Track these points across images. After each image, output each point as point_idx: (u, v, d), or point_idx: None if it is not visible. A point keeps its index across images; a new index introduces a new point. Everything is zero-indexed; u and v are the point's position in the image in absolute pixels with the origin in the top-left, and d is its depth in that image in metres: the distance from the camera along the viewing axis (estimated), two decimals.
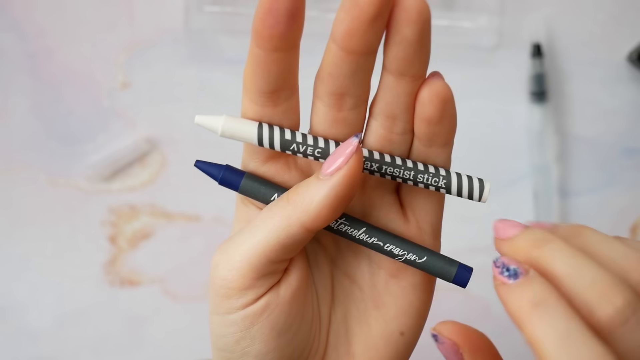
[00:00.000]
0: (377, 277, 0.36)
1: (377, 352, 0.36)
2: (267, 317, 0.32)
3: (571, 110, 0.68)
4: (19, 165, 0.68)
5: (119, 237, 0.69)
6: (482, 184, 0.33)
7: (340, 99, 0.31)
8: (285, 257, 0.32)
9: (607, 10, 0.67)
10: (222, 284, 0.32)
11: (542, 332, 0.27)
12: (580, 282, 0.28)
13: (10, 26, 0.66)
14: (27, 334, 0.69)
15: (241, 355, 0.33)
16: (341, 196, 0.30)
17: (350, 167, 0.30)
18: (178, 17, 0.66)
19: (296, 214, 0.31)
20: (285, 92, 0.31)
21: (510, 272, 0.29)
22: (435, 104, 0.31)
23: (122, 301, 0.69)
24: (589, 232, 0.31)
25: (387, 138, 0.33)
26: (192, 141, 0.68)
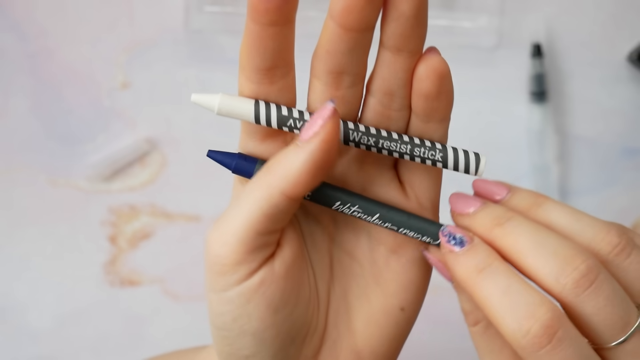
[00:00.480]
0: (377, 253, 0.36)
1: (378, 327, 0.36)
2: (263, 293, 0.32)
3: (571, 110, 0.68)
4: (19, 165, 0.68)
5: (119, 237, 0.69)
6: (478, 158, 0.33)
7: (338, 77, 0.31)
8: (272, 228, 0.32)
9: (607, 10, 0.67)
10: (216, 260, 0.32)
11: (486, 292, 0.30)
12: (544, 253, 0.30)
13: (10, 26, 0.66)
14: (27, 334, 0.69)
15: (239, 333, 0.33)
16: (319, 161, 0.31)
17: (327, 131, 0.30)
18: (178, 17, 0.66)
19: (276, 182, 0.31)
20: (282, 69, 0.31)
21: (456, 241, 0.31)
22: (433, 79, 0.31)
23: (122, 301, 0.69)
24: (549, 203, 0.33)
25: (385, 114, 0.33)
26: (192, 141, 0.68)
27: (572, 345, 0.29)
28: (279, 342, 0.33)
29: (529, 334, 0.29)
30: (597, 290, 0.29)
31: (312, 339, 0.35)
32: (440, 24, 0.66)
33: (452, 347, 0.70)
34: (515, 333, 0.29)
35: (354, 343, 0.36)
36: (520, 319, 0.29)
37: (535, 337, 0.28)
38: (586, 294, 0.29)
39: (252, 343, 0.33)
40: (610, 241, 0.31)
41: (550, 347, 0.29)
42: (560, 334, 0.29)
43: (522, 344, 0.29)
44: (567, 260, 0.30)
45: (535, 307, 0.29)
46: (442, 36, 0.66)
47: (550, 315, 0.29)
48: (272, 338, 0.33)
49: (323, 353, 0.36)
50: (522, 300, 0.29)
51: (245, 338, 0.33)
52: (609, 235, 0.31)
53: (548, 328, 0.28)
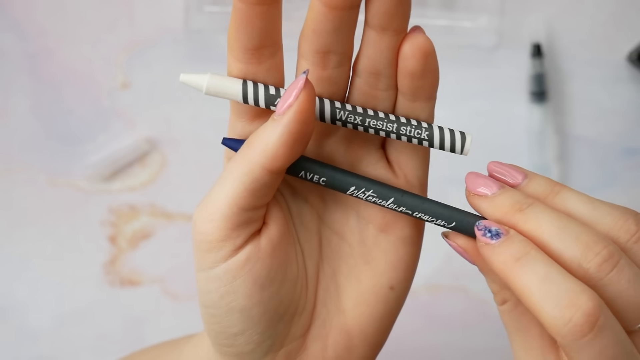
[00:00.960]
0: (365, 232, 0.36)
1: (368, 306, 0.36)
2: (249, 270, 0.33)
3: (571, 110, 0.68)
4: (19, 165, 0.68)
5: (119, 237, 0.69)
6: (464, 136, 0.34)
7: (325, 56, 0.32)
8: (256, 204, 0.32)
9: (607, 10, 0.67)
10: (201, 238, 0.33)
11: (525, 280, 0.30)
12: (566, 239, 0.30)
13: (10, 26, 0.66)
14: (27, 334, 0.69)
15: (226, 311, 0.33)
16: (295, 132, 0.31)
17: (301, 102, 0.31)
18: (178, 17, 0.66)
19: (255, 157, 0.31)
20: (269, 48, 0.32)
21: (492, 233, 0.31)
22: (418, 57, 0.32)
23: (122, 301, 0.69)
24: (567, 191, 0.33)
25: (372, 94, 0.33)
26: (192, 141, 0.68)
27: (613, 333, 0.29)
28: (266, 319, 0.34)
29: (570, 322, 0.29)
30: (619, 273, 0.30)
31: (301, 317, 0.36)
32: (440, 24, 0.66)
33: (452, 347, 0.70)
34: (556, 321, 0.29)
35: (344, 322, 0.36)
36: (561, 307, 0.29)
37: (577, 325, 0.29)
38: (609, 277, 0.30)
39: (240, 320, 0.33)
40: (629, 229, 0.31)
41: (592, 335, 0.29)
42: (601, 322, 0.29)
43: (563, 332, 0.29)
44: (590, 245, 0.30)
45: (577, 295, 0.29)
46: (442, 36, 0.66)
47: (592, 303, 0.29)
48: (259, 315, 0.33)
49: (312, 332, 0.36)
50: (562, 288, 0.29)
51: (233, 315, 0.33)
52: (627, 224, 0.32)
53: (590, 316, 0.29)
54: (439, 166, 0.62)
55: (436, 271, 0.69)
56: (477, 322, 0.69)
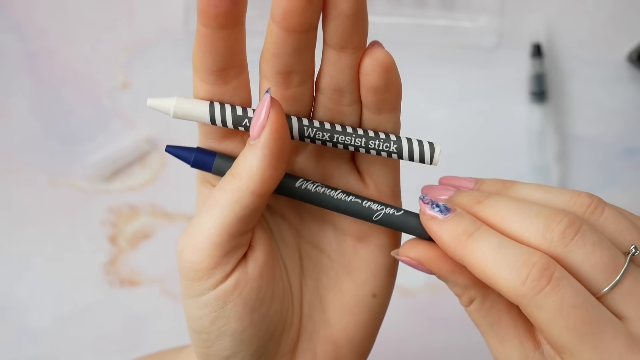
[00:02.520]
0: (344, 244, 0.36)
1: (353, 316, 0.36)
2: (239, 295, 0.33)
3: (571, 110, 0.68)
4: (19, 165, 0.68)
5: (119, 237, 0.69)
6: (433, 147, 0.34)
7: (287, 77, 0.32)
8: (245, 229, 0.33)
9: (607, 10, 0.67)
10: (190, 267, 0.33)
11: (479, 252, 0.30)
12: (526, 216, 0.31)
13: (10, 26, 0.66)
14: (27, 334, 0.69)
15: (218, 335, 0.33)
16: (275, 152, 0.31)
17: (273, 121, 0.31)
18: (178, 17, 0.66)
19: (243, 184, 0.32)
20: (234, 69, 0.32)
21: (440, 208, 0.32)
22: (379, 72, 0.32)
23: (122, 301, 0.69)
24: (518, 184, 0.34)
25: (337, 110, 0.33)
26: (192, 141, 0.68)
27: (570, 284, 0.30)
28: (257, 340, 0.34)
29: (527, 279, 0.29)
30: (583, 237, 0.30)
31: (289, 333, 0.36)
32: (440, 24, 0.66)
33: (452, 347, 0.70)
34: (514, 282, 0.30)
35: (330, 333, 0.37)
36: (517, 267, 0.30)
37: (533, 280, 0.29)
38: (573, 242, 0.30)
39: (232, 344, 0.33)
40: (583, 202, 0.32)
41: (549, 287, 0.29)
42: (557, 275, 0.29)
43: (522, 291, 0.29)
44: (550, 217, 0.31)
45: (529, 255, 0.30)
46: (442, 36, 0.66)
47: (545, 259, 0.30)
48: (250, 337, 0.34)
49: (300, 346, 0.36)
50: (515, 252, 0.30)
51: (224, 339, 0.33)
52: (580, 198, 0.32)
53: (545, 270, 0.29)
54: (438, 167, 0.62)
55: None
56: None
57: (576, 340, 0.29)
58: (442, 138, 0.65)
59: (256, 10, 0.67)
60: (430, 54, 0.67)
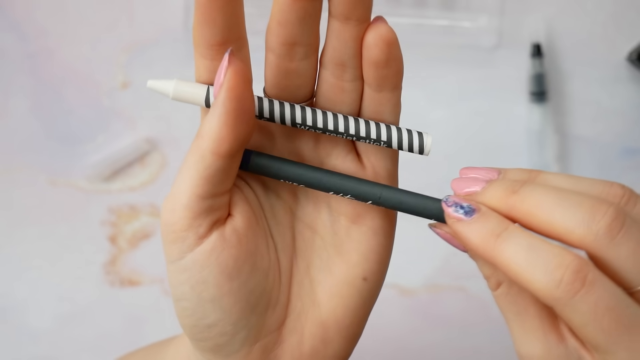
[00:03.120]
0: (337, 225, 0.36)
1: (342, 299, 0.36)
2: (216, 259, 0.33)
3: (571, 110, 0.68)
4: (19, 165, 0.68)
5: (119, 237, 0.69)
6: (422, 137, 0.34)
7: (291, 48, 0.32)
8: (213, 191, 0.33)
9: (607, 10, 0.67)
10: (167, 229, 0.33)
11: (509, 253, 0.30)
12: (568, 207, 0.30)
13: (10, 26, 0.66)
14: (27, 334, 0.69)
15: (198, 302, 0.34)
16: (232, 110, 0.31)
17: (229, 79, 0.31)
18: (178, 17, 0.66)
19: (204, 144, 0.32)
20: (234, 43, 0.32)
21: (465, 209, 0.32)
22: (381, 46, 0.32)
23: (122, 301, 0.69)
24: (545, 173, 0.33)
25: (338, 86, 0.34)
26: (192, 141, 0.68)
27: (603, 286, 0.29)
28: (238, 309, 0.34)
29: (562, 282, 0.29)
30: (629, 231, 0.30)
31: (275, 310, 0.36)
32: (440, 24, 0.66)
33: (451, 346, 0.70)
34: (548, 285, 0.29)
35: (319, 315, 0.37)
36: (550, 270, 0.29)
37: (568, 284, 0.29)
38: (620, 236, 0.30)
39: (212, 310, 0.34)
40: (616, 193, 0.32)
41: (584, 290, 0.29)
42: (591, 277, 0.29)
43: (556, 294, 0.29)
44: (594, 208, 0.30)
45: (562, 257, 0.29)
46: (442, 36, 0.66)
47: (578, 261, 0.29)
48: (230, 305, 0.34)
49: (288, 325, 0.37)
50: (547, 253, 0.29)
51: (204, 306, 0.34)
52: (613, 188, 0.32)
53: (579, 273, 0.29)
54: (438, 167, 0.62)
55: (436, 271, 0.69)
56: (477, 322, 0.69)
57: (611, 341, 0.29)
58: (441, 138, 0.65)
59: (255, 9, 0.67)
60: (430, 54, 0.67)
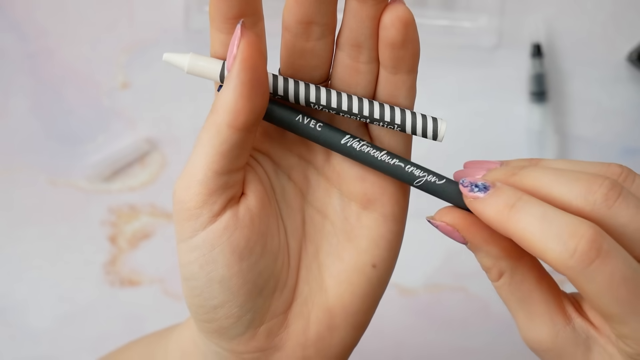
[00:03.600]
0: (348, 210, 0.36)
1: (350, 285, 0.36)
2: (228, 239, 0.33)
3: (571, 110, 0.68)
4: (19, 165, 0.68)
5: (119, 237, 0.69)
6: (436, 123, 0.34)
7: (307, 27, 0.32)
8: (230, 166, 0.33)
9: (607, 10, 0.67)
10: (180, 207, 0.33)
11: (523, 223, 0.30)
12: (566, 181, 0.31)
13: (10, 26, 0.66)
14: (27, 334, 0.69)
15: (206, 281, 0.34)
16: (247, 82, 0.31)
17: (242, 50, 0.31)
18: (178, 17, 0.66)
19: (220, 117, 0.32)
20: (250, 17, 0.32)
21: (479, 187, 0.32)
22: (398, 27, 0.32)
23: (122, 301, 0.69)
24: (544, 160, 0.34)
25: (354, 67, 0.34)
26: (192, 141, 0.68)
27: (619, 255, 0.29)
28: (245, 291, 0.34)
29: (576, 251, 0.29)
30: (626, 199, 0.30)
31: (282, 293, 0.36)
32: (440, 24, 0.66)
33: (452, 346, 0.70)
34: (562, 254, 0.29)
35: (326, 300, 0.37)
36: (564, 240, 0.29)
37: (582, 253, 0.29)
38: (617, 204, 0.30)
39: (220, 291, 0.34)
40: (614, 171, 0.32)
41: (599, 260, 0.29)
42: (606, 246, 0.29)
43: (570, 264, 0.29)
44: (591, 180, 0.30)
45: (576, 226, 0.29)
46: (442, 36, 0.66)
47: (593, 230, 0.29)
48: (238, 286, 0.34)
49: (294, 309, 0.36)
50: (561, 222, 0.29)
51: (212, 286, 0.34)
52: (611, 168, 0.32)
53: (594, 242, 0.29)
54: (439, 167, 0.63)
55: (436, 271, 0.69)
56: (477, 322, 0.69)
57: (626, 310, 0.29)
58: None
59: None
60: (430, 54, 0.67)
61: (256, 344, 0.36)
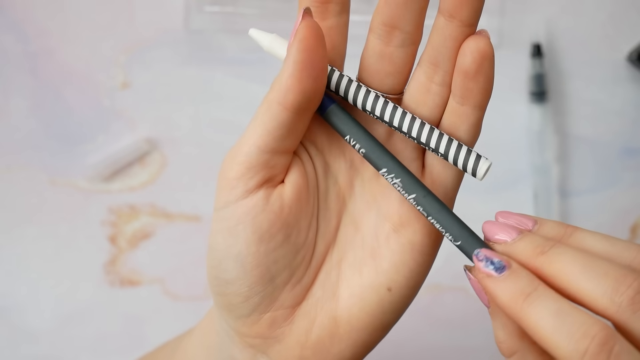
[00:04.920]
0: (380, 229, 0.36)
1: (361, 300, 0.36)
2: (253, 218, 0.34)
3: (571, 110, 0.68)
4: (19, 165, 0.68)
5: (119, 237, 0.69)
6: (478, 160, 0.34)
7: (390, 31, 0.33)
8: (274, 145, 0.33)
9: (607, 10, 0.67)
10: (222, 174, 0.34)
11: (537, 316, 0.29)
12: (594, 276, 0.30)
13: (10, 26, 0.66)
14: (27, 334, 0.69)
15: (225, 254, 0.35)
16: (300, 62, 0.32)
17: (300, 31, 0.32)
18: (178, 17, 0.66)
19: (273, 95, 0.33)
20: (335, 5, 0.33)
21: (495, 265, 0.31)
22: (475, 56, 0.32)
23: (122, 301, 0.69)
24: (580, 231, 0.33)
25: (426, 86, 0.34)
26: (192, 141, 0.68)
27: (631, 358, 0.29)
28: (257, 273, 0.35)
29: (587, 353, 0.28)
30: None
31: (295, 288, 0.36)
32: None
33: (452, 346, 0.70)
34: (572, 354, 0.29)
35: (335, 308, 0.37)
36: (576, 339, 0.29)
37: (593, 355, 0.28)
38: None
39: (234, 267, 0.35)
40: None
41: None
42: (617, 349, 0.29)
43: None
44: (619, 279, 0.30)
45: (589, 326, 0.29)
46: None
47: (605, 332, 0.29)
48: (252, 266, 0.34)
49: (303, 308, 0.37)
50: (575, 321, 0.29)
51: (229, 260, 0.35)
52: None
53: (604, 345, 0.28)
54: None
55: (436, 271, 0.68)
56: (477, 322, 0.69)
57: None
58: None
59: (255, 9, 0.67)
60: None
61: (258, 329, 0.36)
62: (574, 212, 0.69)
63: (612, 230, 0.69)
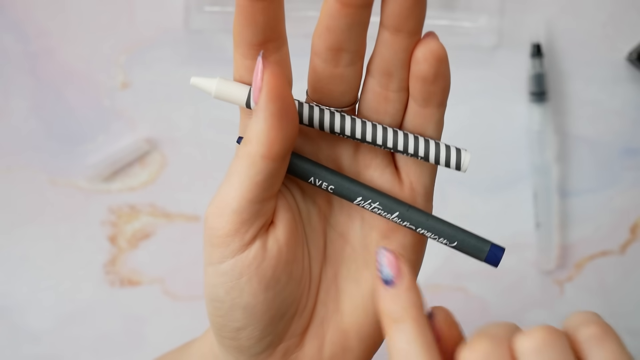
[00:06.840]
0: (369, 238, 0.37)
1: (365, 311, 0.37)
2: (256, 269, 0.33)
3: (571, 110, 0.68)
4: (19, 165, 0.68)
5: (119, 237, 0.69)
6: (459, 154, 0.34)
7: (337, 54, 0.32)
8: (263, 195, 0.33)
9: (607, 10, 0.67)
10: (212, 232, 0.33)
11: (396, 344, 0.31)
12: None
13: (10, 26, 0.66)
14: (27, 334, 0.69)
15: (231, 306, 0.34)
16: (276, 112, 0.31)
17: (267, 81, 0.31)
18: (178, 17, 0.66)
19: (254, 148, 0.32)
20: (274, 42, 0.33)
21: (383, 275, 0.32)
22: (430, 62, 0.32)
23: (122, 301, 0.69)
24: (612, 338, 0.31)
25: (383, 95, 0.34)
26: (192, 141, 0.68)
27: None
28: (268, 317, 0.34)
29: None
30: None
31: (302, 316, 0.36)
32: (440, 24, 0.66)
33: None
34: None
35: (341, 322, 0.37)
36: None
37: None
38: None
39: (243, 316, 0.34)
40: None
41: None
42: None
43: None
44: None
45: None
46: (442, 36, 0.66)
47: None
48: (262, 313, 0.34)
49: (311, 330, 0.37)
50: None
51: (236, 311, 0.34)
52: None
53: None
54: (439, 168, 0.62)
55: (436, 271, 0.69)
56: (477, 322, 0.69)
57: None
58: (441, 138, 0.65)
59: None
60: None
61: None
62: (574, 212, 0.69)
63: (612, 230, 0.69)
